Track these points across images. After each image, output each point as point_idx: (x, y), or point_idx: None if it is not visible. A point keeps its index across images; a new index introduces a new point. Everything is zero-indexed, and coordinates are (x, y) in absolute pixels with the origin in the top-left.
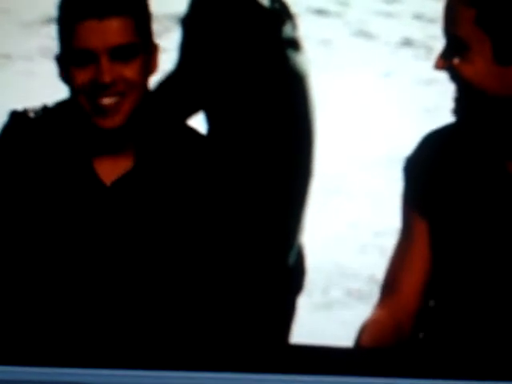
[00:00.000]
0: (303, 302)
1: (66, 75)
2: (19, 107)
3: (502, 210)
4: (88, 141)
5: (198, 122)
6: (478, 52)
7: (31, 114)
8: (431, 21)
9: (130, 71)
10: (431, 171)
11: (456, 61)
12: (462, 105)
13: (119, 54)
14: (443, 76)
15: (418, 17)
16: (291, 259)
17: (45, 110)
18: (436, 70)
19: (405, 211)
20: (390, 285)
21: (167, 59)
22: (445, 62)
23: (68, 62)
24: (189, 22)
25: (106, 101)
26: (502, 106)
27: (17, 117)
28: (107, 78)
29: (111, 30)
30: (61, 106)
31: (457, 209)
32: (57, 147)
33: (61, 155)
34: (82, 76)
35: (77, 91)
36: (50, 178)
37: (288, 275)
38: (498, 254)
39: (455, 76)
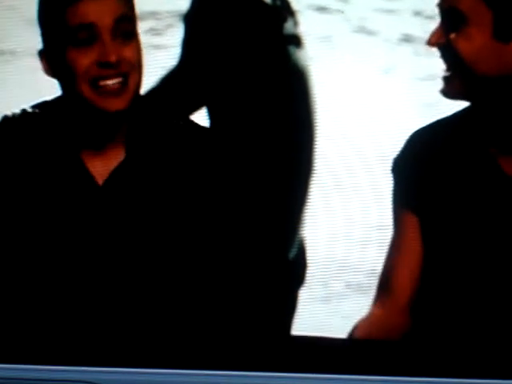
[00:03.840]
0: (303, 295)
1: (60, 65)
2: (24, 104)
3: (492, 205)
4: (81, 134)
5: (200, 119)
6: (476, 26)
7: (14, 118)
8: (430, 18)
9: (129, 52)
10: (421, 169)
11: (452, 35)
12: (453, 83)
13: (120, 31)
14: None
15: (418, 14)
16: (292, 253)
17: (25, 114)
18: (429, 46)
19: (396, 210)
20: (384, 282)
21: (169, 56)
22: (439, 36)
23: (66, 46)
24: (191, 19)
25: (111, 82)
26: (494, 86)
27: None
28: (113, 57)
29: (112, 3)
30: (44, 105)
31: (448, 205)
32: (45, 147)
33: (50, 155)
34: (84, 59)
35: (78, 77)
36: (39, 179)
37: (289, 269)
38: (489, 250)
39: (448, 52)
